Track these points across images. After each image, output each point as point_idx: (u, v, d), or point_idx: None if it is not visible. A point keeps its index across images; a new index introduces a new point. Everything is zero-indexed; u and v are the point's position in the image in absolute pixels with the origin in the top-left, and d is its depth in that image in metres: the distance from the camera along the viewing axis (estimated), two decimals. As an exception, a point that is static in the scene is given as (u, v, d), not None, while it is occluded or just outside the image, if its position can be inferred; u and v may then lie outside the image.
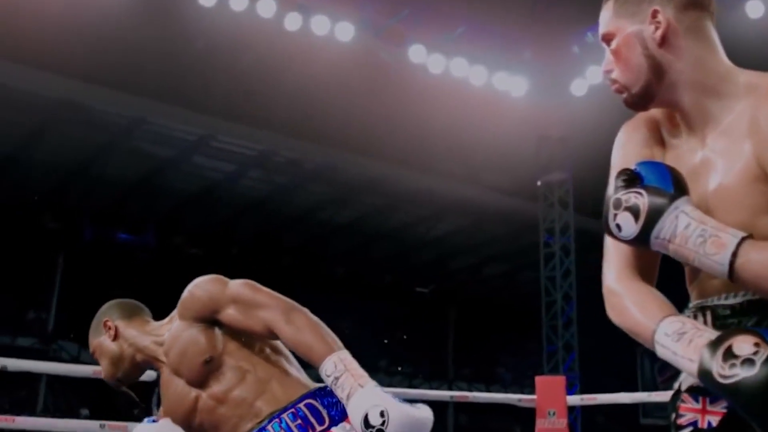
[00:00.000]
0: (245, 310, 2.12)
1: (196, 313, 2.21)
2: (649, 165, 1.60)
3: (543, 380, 5.74)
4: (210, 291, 2.19)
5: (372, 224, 20.25)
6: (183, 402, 2.17)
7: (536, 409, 5.51)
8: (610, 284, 1.73)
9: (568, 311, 12.12)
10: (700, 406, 1.61)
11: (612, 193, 1.56)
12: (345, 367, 1.86)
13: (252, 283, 2.18)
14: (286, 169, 17.89)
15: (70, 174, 17.54)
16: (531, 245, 17.40)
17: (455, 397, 5.45)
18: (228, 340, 2.17)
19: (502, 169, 17.32)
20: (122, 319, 2.40)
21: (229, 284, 2.20)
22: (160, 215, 20.05)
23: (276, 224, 20.32)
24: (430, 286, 24.72)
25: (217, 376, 2.15)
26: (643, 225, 1.52)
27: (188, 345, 2.18)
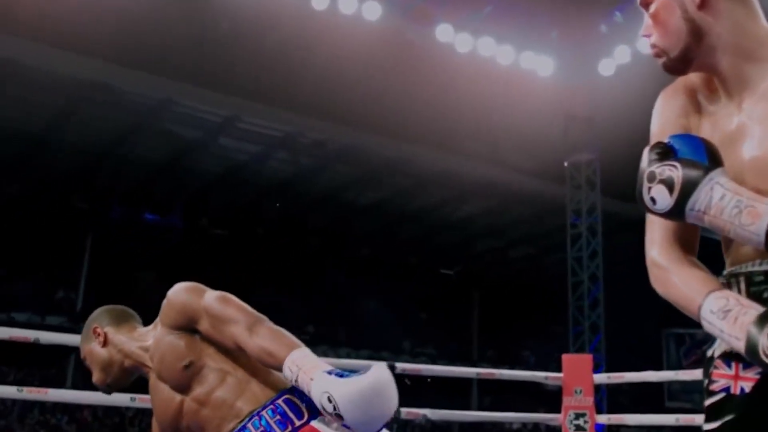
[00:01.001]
0: (215, 325, 2.14)
1: (173, 321, 2.23)
2: (683, 138, 1.59)
3: (569, 358, 5.71)
4: (184, 301, 2.21)
5: (397, 205, 20.25)
6: (169, 406, 2.21)
7: (562, 387, 5.51)
8: (654, 257, 1.73)
9: (594, 292, 12.05)
10: (732, 372, 1.60)
11: (646, 167, 1.55)
12: (298, 367, 1.88)
13: (226, 296, 2.19)
14: (311, 151, 17.91)
15: (98, 155, 17.68)
16: (556, 227, 17.33)
17: (481, 374, 5.46)
18: (208, 344, 2.19)
19: (528, 151, 17.23)
20: (111, 326, 2.41)
21: (204, 295, 2.21)
22: (186, 196, 20.18)
23: (301, 205, 20.37)
24: (455, 267, 24.71)
25: (199, 379, 2.17)
26: (678, 197, 1.51)
27: (168, 351, 2.21)
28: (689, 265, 1.68)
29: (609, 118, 12.53)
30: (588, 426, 5.50)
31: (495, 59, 12.93)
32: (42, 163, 17.84)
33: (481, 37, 12.76)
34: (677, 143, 1.59)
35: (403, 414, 4.96)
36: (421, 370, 5.19)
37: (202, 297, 2.20)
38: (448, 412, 5.50)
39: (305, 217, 21.03)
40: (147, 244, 20.81)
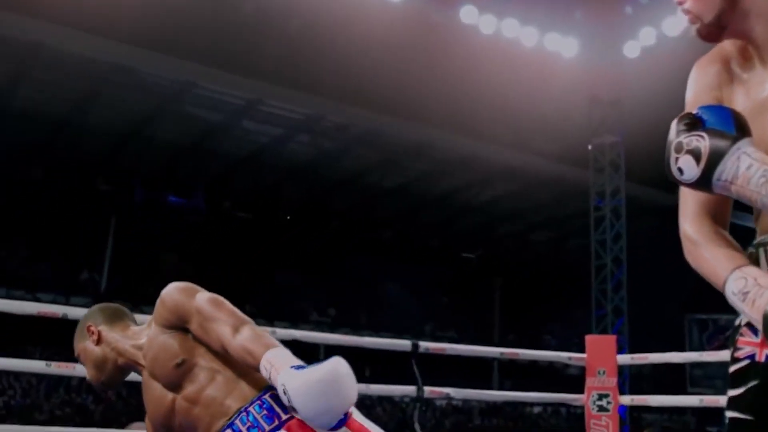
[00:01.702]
0: (203, 324, 2.16)
1: (165, 320, 2.24)
2: (712, 108, 1.59)
3: (593, 339, 5.68)
4: (177, 301, 2.23)
5: (419, 189, 20.24)
6: (161, 405, 2.23)
7: (586, 367, 5.50)
8: (686, 230, 1.75)
9: (617, 275, 11.99)
10: (758, 340, 1.61)
11: (674, 137, 1.55)
12: (271, 364, 1.91)
13: (218, 298, 2.21)
14: (333, 134, 17.93)
15: (121, 138, 17.80)
16: (579, 212, 17.26)
17: (504, 353, 5.45)
18: (199, 344, 2.21)
19: (551, 134, 17.15)
20: (105, 324, 2.42)
21: (197, 296, 2.23)
22: (209, 179, 20.28)
23: (323, 188, 20.42)
24: (477, 251, 24.69)
25: (190, 377, 2.19)
26: (705, 167, 1.51)
27: (160, 349, 2.22)
28: (718, 240, 1.68)
29: (634, 101, 12.43)
30: (611, 407, 5.49)
31: (519, 41, 12.86)
32: (66, 146, 17.99)
33: (506, 18, 12.69)
34: (705, 114, 1.59)
35: (426, 392, 4.98)
36: (444, 349, 5.20)
37: (194, 297, 2.21)
38: (471, 392, 5.51)
39: (327, 200, 21.08)
40: (170, 226, 20.93)
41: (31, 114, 16.36)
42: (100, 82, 15.42)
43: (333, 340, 5.03)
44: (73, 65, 14.67)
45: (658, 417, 19.13)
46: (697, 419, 22.81)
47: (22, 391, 16.26)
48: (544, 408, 23.62)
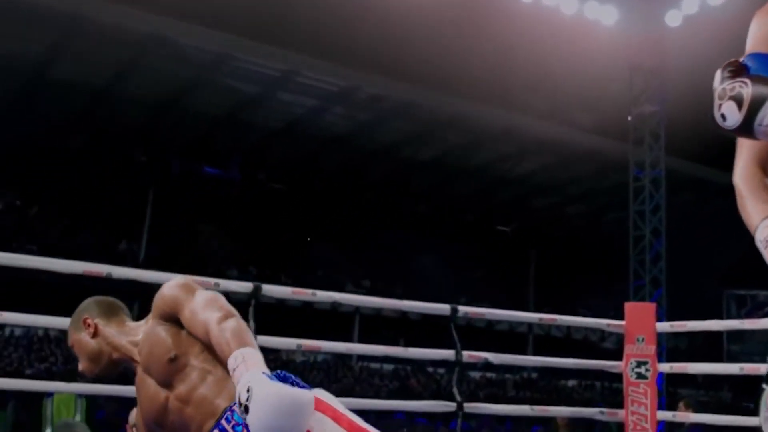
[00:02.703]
0: (195, 311, 2.17)
1: (161, 312, 2.24)
2: (757, 56, 1.60)
3: (632, 306, 5.65)
4: (174, 293, 2.25)
5: (454, 161, 20.17)
6: (155, 402, 2.24)
7: (625, 335, 5.47)
8: (735, 181, 1.76)
9: (656, 246, 11.87)
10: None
11: (718, 84, 1.56)
12: (243, 359, 1.91)
13: (216, 294, 2.23)
14: (368, 105, 17.91)
15: (159, 109, 17.93)
16: (616, 185, 17.10)
17: (543, 319, 5.45)
18: (193, 342, 2.22)
19: (589, 106, 16.98)
20: (101, 318, 2.42)
21: (195, 293, 2.25)
22: (244, 150, 20.37)
23: (358, 160, 20.43)
24: (512, 224, 24.59)
25: (182, 377, 2.20)
26: (746, 113, 1.52)
27: (155, 343, 2.23)
28: (761, 191, 1.69)
29: (675, 71, 12.24)
30: (650, 374, 5.46)
31: (558, 9, 12.70)
32: (105, 117, 18.16)
33: (545, -15, 12.54)
34: (750, 61, 1.60)
35: (465, 357, 4.98)
36: (483, 314, 5.21)
37: (193, 294, 2.21)
38: (509, 356, 5.51)
39: (362, 172, 21.08)
40: (206, 197, 21.09)
41: (69, 84, 16.53)
42: (138, 53, 15.53)
43: (372, 303, 5.04)
44: (111, 36, 14.77)
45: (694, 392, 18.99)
46: (733, 395, 22.66)
47: (64, 358, 16.54)
48: (579, 382, 23.57)
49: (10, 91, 17.03)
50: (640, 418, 5.41)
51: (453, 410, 4.90)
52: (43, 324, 4.41)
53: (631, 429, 5.38)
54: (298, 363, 20.75)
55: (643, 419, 5.40)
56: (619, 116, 14.97)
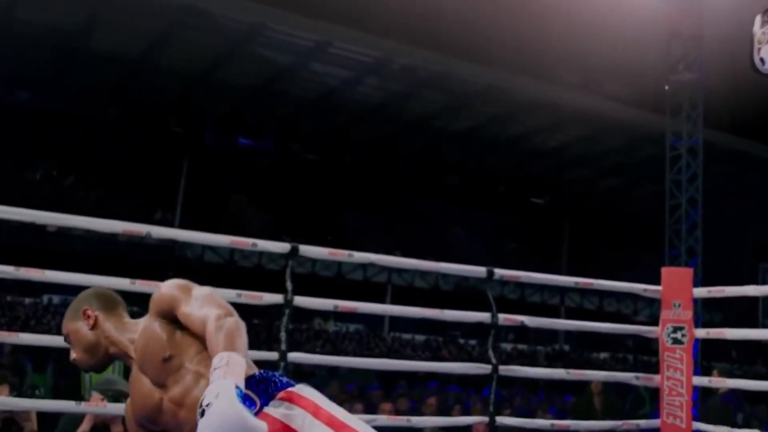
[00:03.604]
0: (194, 309, 2.19)
1: (159, 310, 2.26)
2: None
3: (669, 271, 5.60)
4: (174, 292, 2.26)
5: (487, 133, 20.06)
6: (149, 401, 2.25)
7: (661, 300, 5.44)
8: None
9: (692, 215, 11.73)
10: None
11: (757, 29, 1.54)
12: (227, 362, 1.92)
13: (214, 293, 2.24)
14: (401, 76, 17.83)
15: (193, 79, 17.99)
16: (651, 157, 16.91)
17: (579, 282, 5.43)
18: (189, 343, 2.23)
19: (625, 77, 16.78)
20: (102, 311, 2.41)
21: (193, 291, 2.26)
22: (278, 121, 20.41)
23: (391, 131, 20.38)
24: (546, 197, 24.45)
25: (177, 378, 2.22)
26: (786, 57, 1.50)
27: (150, 341, 2.26)
28: None
29: (715, 36, 11.99)
30: (686, 340, 5.44)
31: (594, -23, 12.49)
32: (140, 88, 18.29)
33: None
34: None
35: (500, 320, 5.00)
36: (519, 277, 5.19)
37: (191, 291, 2.24)
38: (545, 320, 5.52)
39: (395, 142, 21.04)
40: (240, 167, 21.20)
41: (105, 55, 16.64)
42: (172, 23, 15.57)
43: (408, 265, 5.06)
44: (146, 7, 14.81)
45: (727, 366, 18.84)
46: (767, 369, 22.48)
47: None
48: (612, 354, 23.52)
49: (47, 62, 17.21)
50: (676, 383, 5.40)
51: (488, 373, 4.92)
52: (84, 282, 4.47)
53: (667, 394, 5.38)
54: (330, 333, 20.92)
55: (678, 384, 5.39)
56: (654, 87, 14.74)
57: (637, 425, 5.55)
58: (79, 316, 2.39)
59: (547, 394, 13.96)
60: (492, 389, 4.95)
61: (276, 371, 2.22)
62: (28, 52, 16.45)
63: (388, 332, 21.70)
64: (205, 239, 4.71)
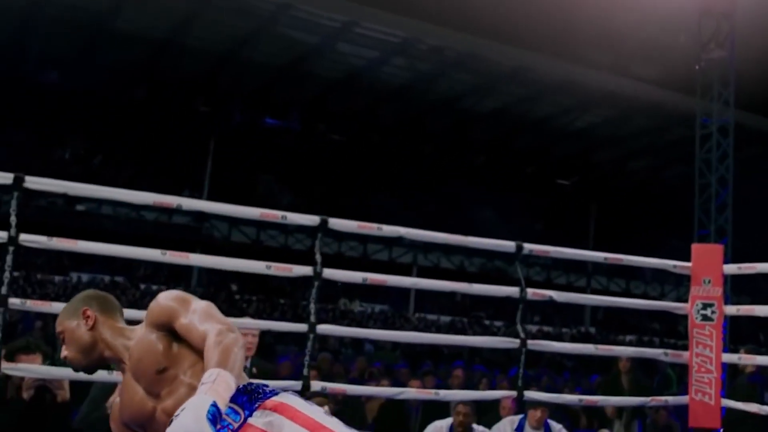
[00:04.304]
0: (195, 322, 2.20)
1: (156, 319, 2.27)
2: None
3: (699, 248, 5.55)
4: (172, 304, 2.27)
5: (514, 114, 19.96)
6: (141, 410, 2.24)
7: (691, 276, 5.40)
8: None
9: (722, 195, 11.58)
10: None
11: None
12: (214, 379, 1.96)
13: (211, 306, 2.26)
14: (428, 57, 17.76)
15: (220, 59, 18.04)
16: (680, 139, 16.76)
17: (609, 258, 5.39)
18: (184, 355, 2.23)
19: (654, 57, 16.60)
20: (101, 314, 2.38)
21: (191, 303, 2.28)
22: (305, 101, 20.42)
23: (417, 112, 20.33)
24: (572, 178, 24.31)
25: (171, 390, 2.22)
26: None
27: (145, 352, 2.26)
28: None
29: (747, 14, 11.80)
30: (716, 316, 5.41)
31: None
32: (167, 68, 18.36)
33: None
34: None
35: (529, 294, 4.98)
36: (548, 252, 5.16)
37: (190, 303, 2.26)
38: (573, 295, 5.49)
39: (421, 124, 20.98)
40: (266, 147, 21.26)
41: (132, 35, 16.71)
42: (199, 3, 15.60)
43: (437, 239, 5.04)
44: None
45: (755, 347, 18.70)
46: (796, 353, 22.26)
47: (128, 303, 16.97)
48: (638, 337, 23.39)
49: (76, 43, 17.32)
50: (705, 360, 5.37)
51: (516, 347, 4.92)
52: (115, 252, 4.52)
53: (696, 371, 5.35)
54: (356, 313, 21.00)
55: (707, 361, 5.36)
56: (684, 67, 14.54)
57: (665, 401, 5.53)
58: (77, 315, 2.40)
59: (572, 374, 13.94)
60: (521, 363, 4.94)
61: (263, 383, 2.24)
62: (56, 33, 16.57)
63: (413, 313, 21.74)
64: (234, 211, 4.73)
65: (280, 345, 14.01)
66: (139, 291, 18.61)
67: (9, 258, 4.01)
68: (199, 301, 2.28)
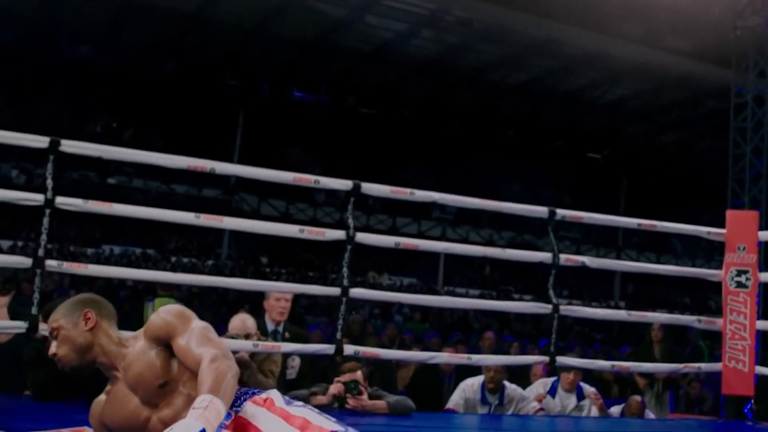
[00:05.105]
0: (191, 345, 2.26)
1: (154, 333, 2.33)
2: None
3: (734, 214, 5.46)
4: (172, 321, 2.33)
5: (544, 87, 19.77)
6: (135, 419, 2.27)
7: (725, 243, 5.33)
8: None
9: (757, 165, 11.43)
10: None
11: None
12: (206, 406, 2.02)
13: (209, 329, 2.33)
14: (457, 29, 17.60)
15: (248, 33, 18.02)
16: (714, 111, 16.54)
17: (643, 224, 5.35)
18: (183, 370, 2.27)
19: (687, 29, 16.31)
20: (103, 319, 2.42)
21: (191, 323, 2.33)
22: (333, 74, 20.37)
23: (446, 84, 20.19)
24: (603, 152, 24.10)
25: (169, 401, 2.28)
26: None
27: (146, 367, 2.31)
28: None
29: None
30: (750, 283, 5.34)
31: None
32: (196, 42, 18.38)
33: None
34: None
35: (562, 260, 4.97)
36: (581, 218, 5.13)
37: (189, 321, 2.31)
38: (606, 261, 5.46)
39: (450, 96, 20.86)
40: (295, 121, 21.29)
41: (162, 10, 16.73)
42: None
43: (472, 204, 5.01)
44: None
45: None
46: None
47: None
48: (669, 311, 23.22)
49: (106, 18, 17.38)
50: (739, 327, 5.32)
51: (549, 312, 4.90)
52: (151, 215, 4.56)
53: (729, 338, 5.30)
54: (384, 287, 21.03)
55: (741, 328, 5.31)
56: (718, 39, 14.33)
57: (698, 368, 5.50)
58: (78, 315, 2.42)
59: (602, 345, 13.91)
60: (553, 328, 4.93)
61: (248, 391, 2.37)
62: (87, 8, 16.65)
63: (442, 286, 21.73)
64: (268, 176, 4.76)
65: (310, 316, 14.11)
66: (170, 263, 18.77)
67: (45, 220, 4.05)
68: (198, 321, 2.34)
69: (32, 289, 4.06)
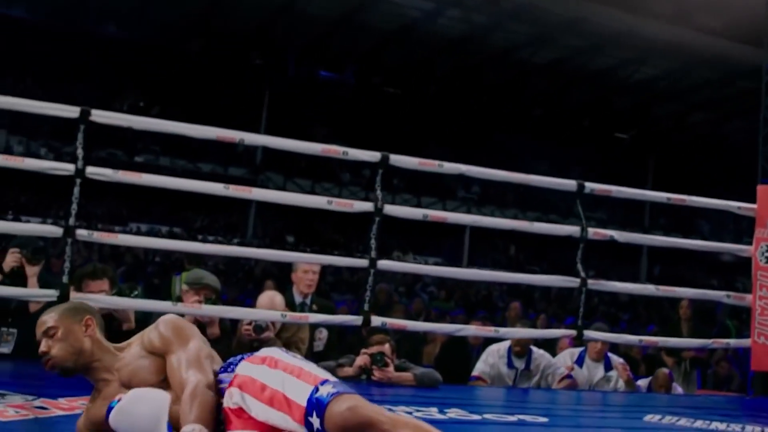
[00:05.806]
0: (181, 368, 2.35)
1: (151, 346, 2.43)
2: None
3: (765, 189, 5.42)
4: (171, 336, 2.42)
5: (572, 66, 19.60)
6: None
7: (756, 218, 5.28)
8: None
9: (789, 144, 11.28)
10: None
11: None
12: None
13: (201, 352, 2.42)
14: (484, 7, 17.47)
15: (274, 12, 17.99)
16: (744, 91, 16.28)
17: (672, 198, 5.31)
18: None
19: (718, 7, 16.09)
20: (100, 329, 2.52)
21: (190, 340, 2.42)
22: (359, 54, 20.31)
23: (473, 63, 20.06)
24: (631, 131, 23.88)
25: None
26: None
27: (142, 368, 2.40)
28: None
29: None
30: (782, 259, 5.29)
31: None
32: (222, 20, 18.38)
33: None
34: None
35: (590, 234, 4.95)
36: (610, 191, 5.10)
37: (188, 340, 2.42)
38: (635, 235, 5.45)
39: (477, 76, 20.73)
40: (321, 100, 21.29)
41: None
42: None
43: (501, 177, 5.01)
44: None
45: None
46: None
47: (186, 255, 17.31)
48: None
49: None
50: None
51: (576, 286, 4.89)
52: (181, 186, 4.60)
53: (759, 314, 5.25)
54: (409, 265, 21.09)
55: (772, 304, 5.26)
56: (749, 17, 14.10)
57: (726, 343, 5.46)
58: (80, 319, 2.49)
59: (629, 325, 13.85)
60: (581, 302, 4.92)
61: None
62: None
63: (466, 266, 21.71)
64: (296, 146, 4.80)
65: (336, 293, 14.15)
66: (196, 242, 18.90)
67: (76, 190, 4.09)
68: (197, 340, 2.44)
69: (63, 258, 4.11)
